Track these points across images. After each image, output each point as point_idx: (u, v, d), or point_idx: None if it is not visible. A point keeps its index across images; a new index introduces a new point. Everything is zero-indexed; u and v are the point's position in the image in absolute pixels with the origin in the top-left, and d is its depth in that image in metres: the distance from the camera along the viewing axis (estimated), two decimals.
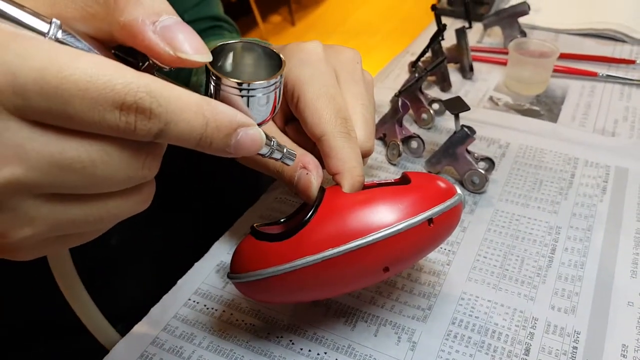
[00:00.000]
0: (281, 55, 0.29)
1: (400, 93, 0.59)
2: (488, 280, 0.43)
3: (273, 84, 0.28)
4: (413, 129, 0.62)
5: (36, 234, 0.23)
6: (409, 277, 0.44)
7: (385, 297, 0.42)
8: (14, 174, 0.20)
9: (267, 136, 0.29)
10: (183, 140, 0.23)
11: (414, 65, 0.67)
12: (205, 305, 0.43)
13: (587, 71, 0.72)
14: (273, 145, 0.30)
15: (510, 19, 0.78)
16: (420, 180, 0.36)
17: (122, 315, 0.46)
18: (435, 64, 0.60)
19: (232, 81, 0.26)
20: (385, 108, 0.61)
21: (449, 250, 0.46)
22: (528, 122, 0.63)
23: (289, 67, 0.39)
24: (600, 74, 0.71)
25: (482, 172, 0.51)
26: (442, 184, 0.36)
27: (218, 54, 0.29)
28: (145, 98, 0.21)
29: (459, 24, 0.79)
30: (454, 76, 0.72)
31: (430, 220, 0.34)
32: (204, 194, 0.65)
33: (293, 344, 0.39)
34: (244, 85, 0.27)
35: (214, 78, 0.27)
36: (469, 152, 0.52)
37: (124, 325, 0.42)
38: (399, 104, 0.56)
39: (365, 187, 0.37)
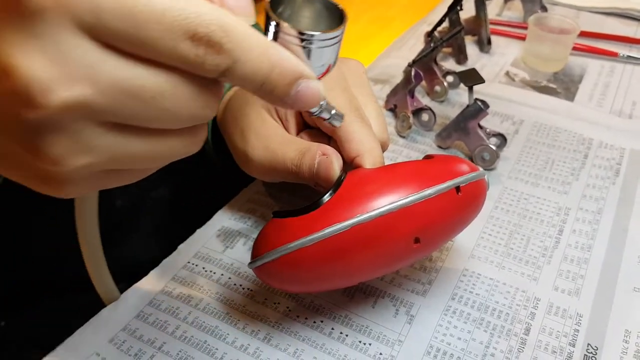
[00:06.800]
0: (342, 9, 0.27)
1: (414, 63, 0.57)
2: (491, 259, 0.42)
3: (334, 37, 0.26)
4: (425, 101, 0.60)
5: (92, 165, 0.22)
6: None
7: None
8: (82, 95, 0.20)
9: None
10: (247, 81, 0.23)
11: (429, 35, 0.65)
12: (203, 268, 0.42)
13: (607, 51, 0.70)
14: (323, 105, 0.29)
15: None
16: (443, 157, 0.37)
17: (121, 278, 0.46)
18: (452, 33, 0.58)
19: (295, 30, 0.25)
20: (399, 79, 0.59)
21: None
22: (544, 100, 0.61)
23: None
24: (621, 55, 0.69)
25: (494, 148, 0.50)
26: (464, 162, 0.36)
27: (276, 3, 0.27)
28: (216, 31, 0.21)
29: None
30: (471, 49, 0.70)
31: (458, 188, 0.34)
32: (210, 161, 0.65)
33: (290, 311, 0.39)
34: (306, 35, 0.25)
35: (275, 25, 0.25)
36: (481, 127, 0.51)
37: (122, 287, 0.42)
38: (412, 74, 0.54)
39: None
